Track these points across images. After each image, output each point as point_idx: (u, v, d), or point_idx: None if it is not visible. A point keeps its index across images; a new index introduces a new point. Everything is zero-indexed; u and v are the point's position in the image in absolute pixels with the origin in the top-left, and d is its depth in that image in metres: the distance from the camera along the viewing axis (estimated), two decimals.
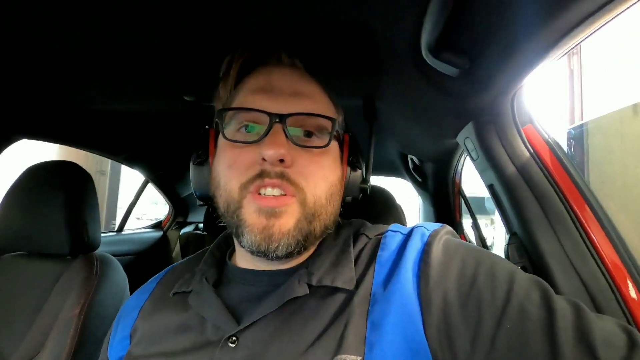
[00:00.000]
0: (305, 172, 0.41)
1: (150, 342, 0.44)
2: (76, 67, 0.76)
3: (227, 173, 0.41)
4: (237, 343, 0.38)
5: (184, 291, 0.47)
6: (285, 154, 0.38)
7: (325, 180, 0.42)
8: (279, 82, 0.44)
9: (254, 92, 0.43)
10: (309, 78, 0.47)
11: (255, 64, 0.47)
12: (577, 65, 2.27)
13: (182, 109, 1.01)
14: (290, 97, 0.43)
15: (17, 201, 0.89)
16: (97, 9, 0.54)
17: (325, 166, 0.43)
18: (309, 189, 0.40)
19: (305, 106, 0.42)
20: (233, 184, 0.40)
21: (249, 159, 0.40)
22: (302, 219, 0.40)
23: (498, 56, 0.49)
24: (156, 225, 2.05)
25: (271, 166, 0.39)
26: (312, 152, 0.42)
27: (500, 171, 0.63)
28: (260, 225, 0.38)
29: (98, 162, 3.67)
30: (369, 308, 0.38)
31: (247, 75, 0.46)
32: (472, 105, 0.63)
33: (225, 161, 0.42)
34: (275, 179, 0.39)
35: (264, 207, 0.38)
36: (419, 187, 1.56)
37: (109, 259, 0.92)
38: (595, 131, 1.81)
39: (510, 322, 0.33)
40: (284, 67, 0.47)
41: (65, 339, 0.75)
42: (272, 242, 0.38)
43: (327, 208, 0.42)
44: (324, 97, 0.47)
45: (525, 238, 0.60)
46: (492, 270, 0.37)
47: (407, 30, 0.53)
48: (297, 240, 0.39)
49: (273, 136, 0.39)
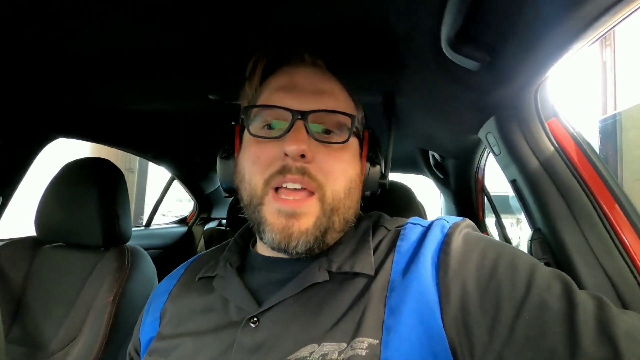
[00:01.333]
0: (325, 168, 0.42)
1: (178, 322, 0.47)
2: (108, 70, 0.80)
3: (251, 168, 0.43)
4: (258, 324, 0.40)
5: (208, 276, 0.49)
6: (306, 149, 0.40)
7: (345, 175, 0.44)
8: (301, 81, 0.46)
9: (277, 90, 0.45)
10: (330, 76, 0.49)
11: (279, 64, 0.49)
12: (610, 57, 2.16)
13: (206, 107, 1.04)
14: (312, 95, 0.44)
15: (55, 196, 0.95)
16: (126, 14, 0.57)
17: (345, 161, 0.44)
18: (329, 184, 0.42)
19: (326, 103, 0.44)
20: (257, 179, 0.42)
21: (272, 154, 0.42)
22: (321, 216, 0.42)
23: (520, 48, 0.48)
24: (181, 220, 2.12)
25: (292, 161, 0.41)
26: (332, 147, 0.43)
27: (523, 166, 0.62)
28: (280, 225, 0.40)
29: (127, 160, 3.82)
30: (387, 294, 0.39)
31: (271, 75, 0.48)
32: (494, 99, 0.62)
33: (249, 156, 0.44)
34: (296, 174, 0.40)
35: (284, 209, 0.40)
36: (441, 184, 1.54)
37: (139, 251, 0.97)
38: (629, 123, 1.72)
39: (530, 313, 0.33)
40: (306, 67, 0.49)
41: (100, 324, 0.80)
42: (292, 240, 0.40)
43: (346, 202, 0.44)
44: (344, 95, 0.49)
45: (549, 234, 0.59)
46: (513, 262, 0.37)
47: (426, 25, 0.53)
48: (315, 237, 0.41)
49: (295, 132, 0.41)
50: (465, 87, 0.64)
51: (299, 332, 0.38)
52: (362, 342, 0.36)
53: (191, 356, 0.42)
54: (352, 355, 0.35)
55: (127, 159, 3.91)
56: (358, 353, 0.35)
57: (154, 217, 1.91)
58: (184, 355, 0.43)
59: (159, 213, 1.99)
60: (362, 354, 0.35)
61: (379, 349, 0.35)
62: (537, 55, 0.48)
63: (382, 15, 0.56)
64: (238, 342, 0.40)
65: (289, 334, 0.39)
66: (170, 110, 1.15)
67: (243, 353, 0.39)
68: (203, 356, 0.41)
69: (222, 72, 0.81)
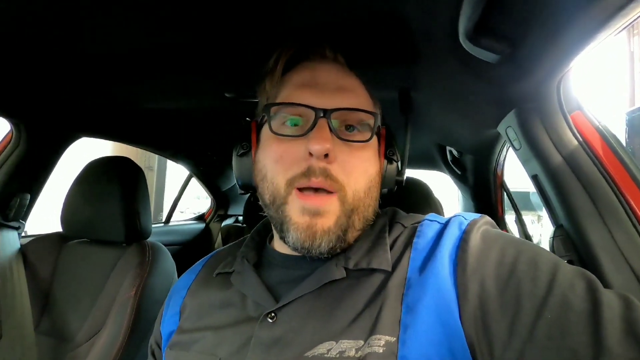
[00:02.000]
0: (347, 168, 0.42)
1: (198, 317, 0.48)
2: (128, 70, 0.82)
3: (273, 167, 0.43)
4: (276, 319, 0.41)
5: (226, 271, 0.50)
6: (330, 148, 0.40)
7: (365, 174, 0.44)
8: (323, 78, 0.45)
9: (299, 87, 0.45)
10: (351, 73, 0.48)
11: (300, 59, 0.49)
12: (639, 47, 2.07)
13: (222, 105, 1.06)
14: (334, 92, 0.44)
15: (79, 193, 0.98)
16: (147, 15, 0.59)
17: (366, 160, 0.44)
18: (350, 185, 0.42)
19: (349, 101, 0.44)
20: (279, 179, 0.42)
21: (296, 153, 0.42)
22: (342, 216, 0.41)
23: (542, 39, 0.47)
24: (199, 217, 2.17)
25: (316, 161, 0.40)
26: (354, 146, 0.43)
27: (545, 161, 0.60)
28: (304, 223, 0.40)
29: (146, 158, 3.91)
30: (404, 292, 0.39)
31: (292, 70, 0.48)
32: (514, 92, 0.61)
33: (271, 155, 0.44)
34: (320, 177, 0.40)
35: (307, 206, 0.40)
36: (459, 180, 1.52)
37: (159, 246, 1.00)
38: None
39: (552, 312, 0.32)
40: (327, 63, 0.49)
41: (123, 317, 0.83)
42: (316, 239, 0.40)
43: (365, 201, 0.43)
44: (364, 92, 0.48)
45: (572, 230, 0.57)
46: (534, 259, 0.36)
47: (444, 18, 0.52)
48: (337, 236, 0.41)
49: (319, 130, 0.40)
50: (484, 80, 0.62)
51: (316, 328, 0.39)
52: (379, 339, 0.36)
53: (211, 349, 0.43)
54: (369, 353, 0.35)
55: (146, 157, 4.00)
56: (375, 350, 0.35)
57: (172, 213, 1.96)
58: (204, 348, 0.44)
59: (178, 210, 2.04)
60: (379, 351, 0.35)
61: (396, 346, 0.35)
62: (560, 45, 0.46)
63: (398, 9, 0.55)
64: (256, 337, 0.40)
65: (306, 330, 0.39)
66: (187, 109, 1.17)
67: (261, 347, 0.39)
68: (223, 350, 0.42)
69: (238, 70, 0.81)
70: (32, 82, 0.88)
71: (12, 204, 1.09)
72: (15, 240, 1.04)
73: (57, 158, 1.20)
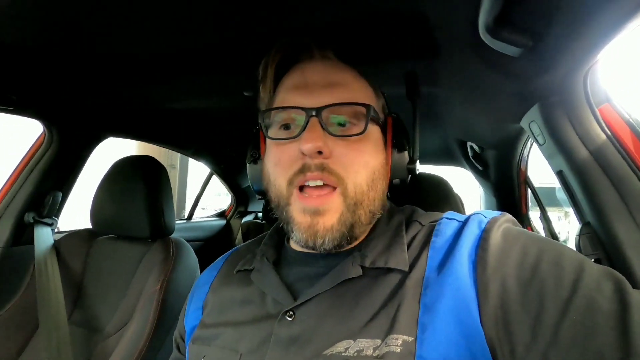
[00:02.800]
0: (345, 161, 0.42)
1: (219, 312, 0.49)
2: (154, 72, 0.85)
3: (274, 170, 0.45)
4: (294, 317, 0.41)
5: (246, 269, 0.51)
6: (321, 146, 0.40)
7: (366, 166, 0.43)
8: (312, 77, 0.45)
9: (290, 90, 0.46)
10: (342, 67, 0.48)
11: (291, 63, 0.49)
12: None
13: (242, 104, 1.07)
14: (324, 89, 0.44)
15: (107, 191, 1.03)
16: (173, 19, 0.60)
17: (365, 152, 0.44)
18: (350, 178, 0.42)
19: (339, 96, 0.43)
20: (280, 180, 0.44)
21: (291, 155, 0.43)
22: (345, 212, 0.42)
23: (567, 29, 0.45)
24: (220, 214, 2.21)
25: (311, 159, 0.41)
26: (350, 140, 0.43)
27: (570, 156, 0.58)
28: (305, 223, 0.41)
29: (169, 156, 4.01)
30: (422, 291, 0.38)
31: (285, 75, 0.49)
32: (538, 86, 0.59)
33: (272, 159, 0.45)
34: (315, 172, 0.41)
35: (308, 207, 0.41)
36: (480, 176, 1.48)
37: (182, 242, 1.03)
38: None
39: (577, 313, 0.31)
40: (316, 62, 0.49)
41: (149, 310, 0.86)
42: (318, 238, 0.41)
43: (369, 194, 0.43)
44: (360, 84, 0.47)
45: (599, 228, 0.55)
46: (558, 259, 0.35)
47: (463, 12, 0.51)
48: (341, 233, 0.42)
49: (309, 130, 0.41)
50: (506, 74, 0.61)
51: (333, 326, 0.39)
52: (397, 339, 0.36)
53: (232, 345, 0.44)
54: (387, 352, 0.35)
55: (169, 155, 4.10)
56: (393, 350, 0.35)
57: (195, 210, 2.01)
58: (225, 343, 0.45)
59: (199, 207, 2.09)
60: (397, 350, 0.35)
61: (414, 346, 0.35)
62: (587, 36, 0.44)
63: (417, 4, 0.54)
64: (275, 334, 0.41)
65: (324, 328, 0.39)
66: (208, 108, 1.20)
67: (280, 345, 0.40)
68: (243, 345, 0.43)
69: (257, 68, 0.82)
70: (63, 87, 0.93)
71: (46, 202, 1.15)
72: (49, 236, 1.10)
73: (86, 157, 1.26)
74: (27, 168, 1.14)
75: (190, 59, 0.78)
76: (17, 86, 0.88)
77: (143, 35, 0.67)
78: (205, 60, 0.79)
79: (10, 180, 1.15)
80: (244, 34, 0.66)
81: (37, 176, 1.13)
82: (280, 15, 0.60)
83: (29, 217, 1.12)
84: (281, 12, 0.58)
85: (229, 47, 0.72)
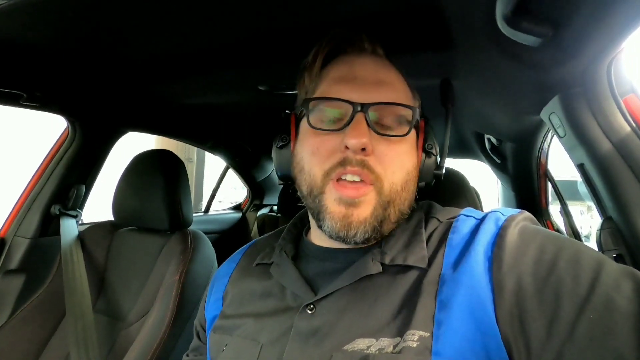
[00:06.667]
0: (385, 161, 0.42)
1: (240, 304, 0.50)
2: (172, 68, 0.87)
3: (310, 159, 0.44)
4: (315, 311, 0.42)
5: (265, 262, 0.52)
6: (367, 143, 0.40)
7: (402, 168, 0.43)
8: (361, 71, 0.45)
9: (337, 81, 0.45)
10: (390, 66, 0.48)
11: (338, 53, 0.49)
12: None
13: (256, 98, 1.09)
14: (372, 85, 0.44)
15: (128, 184, 1.06)
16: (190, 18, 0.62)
17: (403, 154, 0.44)
18: (387, 177, 0.42)
19: (387, 95, 0.43)
20: (316, 170, 0.43)
21: (332, 146, 0.42)
22: (378, 207, 0.42)
23: (590, 17, 0.43)
24: (236, 207, 2.25)
25: (353, 154, 0.41)
26: (391, 140, 0.43)
27: (592, 148, 0.56)
28: (340, 213, 0.41)
29: (186, 150, 4.09)
30: (438, 288, 0.38)
31: (330, 64, 0.48)
32: (558, 76, 0.57)
33: (308, 148, 0.44)
34: (356, 166, 0.41)
35: (344, 197, 0.41)
36: (498, 169, 1.45)
37: (200, 234, 1.05)
38: None
39: (594, 312, 0.30)
40: (365, 56, 0.48)
41: (169, 299, 0.89)
42: (351, 229, 0.41)
43: (402, 194, 0.43)
44: (403, 85, 0.47)
45: (622, 223, 0.53)
46: (576, 257, 0.34)
47: (480, 2, 0.50)
48: (373, 227, 0.41)
49: (356, 125, 0.41)
50: (525, 65, 0.59)
51: (353, 322, 0.40)
52: (413, 334, 0.36)
53: (253, 335, 0.45)
54: (404, 347, 0.35)
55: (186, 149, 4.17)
56: (409, 345, 0.35)
57: (211, 203, 2.04)
58: (246, 334, 0.46)
59: (216, 200, 2.13)
60: (413, 345, 0.35)
61: (430, 341, 0.35)
62: (611, 23, 0.43)
63: None
64: (295, 327, 0.42)
65: (344, 323, 0.40)
66: (224, 103, 1.22)
67: (300, 337, 0.41)
68: (264, 336, 0.44)
69: (271, 63, 0.83)
70: (86, 84, 0.96)
71: (71, 195, 1.20)
72: (74, 227, 1.15)
73: (108, 151, 1.30)
74: (52, 162, 1.18)
75: (206, 57, 0.80)
76: (42, 84, 0.91)
77: (163, 36, 0.69)
78: (221, 57, 0.80)
79: (37, 174, 1.20)
80: (259, 31, 0.67)
81: (62, 170, 1.18)
82: (296, 10, 0.60)
83: (55, 210, 1.17)
84: (297, 6, 0.58)
85: (244, 44, 0.73)
